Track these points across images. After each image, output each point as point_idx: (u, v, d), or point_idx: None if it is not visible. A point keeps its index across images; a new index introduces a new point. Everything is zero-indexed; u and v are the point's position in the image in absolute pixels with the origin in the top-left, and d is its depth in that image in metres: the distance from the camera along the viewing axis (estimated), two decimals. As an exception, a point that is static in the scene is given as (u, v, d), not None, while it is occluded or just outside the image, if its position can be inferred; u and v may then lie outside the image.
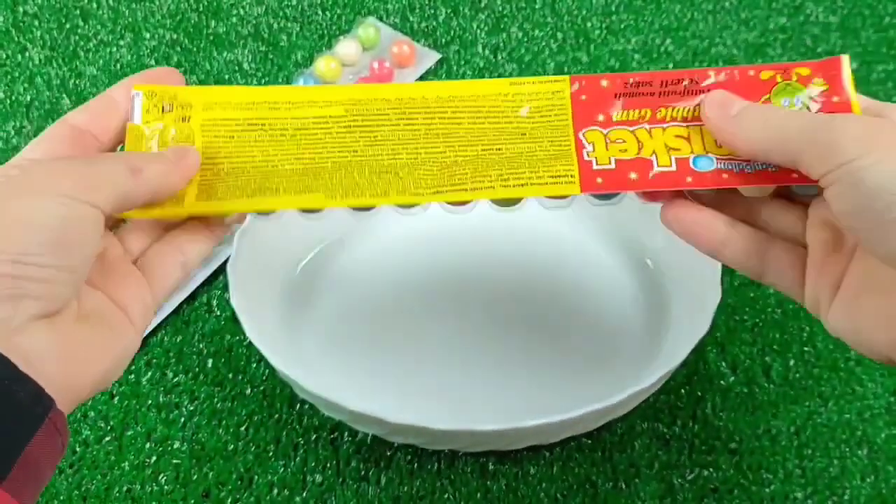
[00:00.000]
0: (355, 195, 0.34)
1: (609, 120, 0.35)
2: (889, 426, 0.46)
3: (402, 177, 0.35)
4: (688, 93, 0.35)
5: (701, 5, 0.67)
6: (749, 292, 0.51)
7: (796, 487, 0.44)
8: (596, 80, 0.35)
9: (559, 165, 0.34)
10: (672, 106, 0.35)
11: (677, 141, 0.34)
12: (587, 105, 0.35)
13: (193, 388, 0.48)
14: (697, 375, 0.47)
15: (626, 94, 0.35)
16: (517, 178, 0.34)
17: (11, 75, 0.63)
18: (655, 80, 0.35)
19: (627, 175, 0.34)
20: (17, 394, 0.27)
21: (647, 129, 0.35)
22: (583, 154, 0.34)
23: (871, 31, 0.65)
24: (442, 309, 0.49)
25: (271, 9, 0.68)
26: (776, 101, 0.34)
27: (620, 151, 0.34)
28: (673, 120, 0.35)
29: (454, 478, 0.44)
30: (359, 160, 0.35)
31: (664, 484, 0.44)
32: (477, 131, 0.35)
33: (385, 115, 0.36)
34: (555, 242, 0.52)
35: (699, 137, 0.34)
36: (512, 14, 0.67)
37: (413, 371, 0.47)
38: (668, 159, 0.34)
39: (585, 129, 0.35)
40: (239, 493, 0.44)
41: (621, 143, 0.34)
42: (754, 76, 0.35)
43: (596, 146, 0.34)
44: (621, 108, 0.35)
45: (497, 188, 0.34)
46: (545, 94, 0.36)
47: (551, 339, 0.48)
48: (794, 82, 0.34)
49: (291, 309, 0.48)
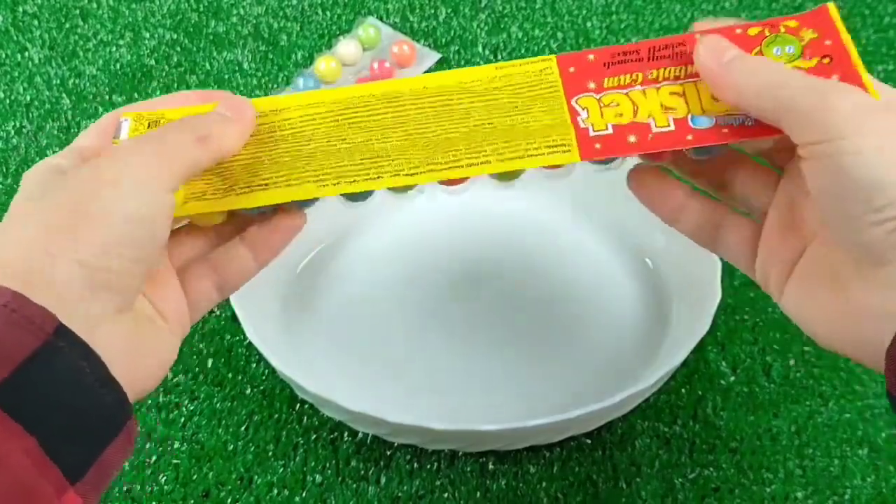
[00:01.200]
0: (347, 181, 0.34)
1: (601, 86, 0.34)
2: (890, 426, 0.46)
3: (394, 158, 0.34)
4: (677, 55, 0.35)
5: (701, 5, 0.67)
6: (749, 292, 0.51)
7: (797, 487, 0.44)
8: (583, 55, 0.35)
9: (555, 134, 0.34)
10: (663, 67, 0.34)
11: (673, 99, 0.34)
12: (576, 75, 0.35)
13: (193, 388, 0.48)
14: (698, 375, 0.47)
15: (614, 62, 0.35)
16: (513, 150, 0.34)
17: (11, 75, 0.63)
18: (643, 48, 0.35)
19: (626, 138, 0.33)
20: (105, 398, 0.26)
21: (640, 90, 0.34)
22: (578, 121, 0.34)
23: (871, 31, 0.65)
24: (441, 309, 0.49)
25: (271, 9, 0.68)
26: (767, 51, 0.34)
27: (616, 116, 0.34)
28: (665, 79, 0.34)
29: (454, 477, 0.44)
30: (348, 147, 0.35)
31: (665, 483, 0.44)
32: (468, 108, 0.35)
33: (373, 106, 0.35)
34: (554, 242, 0.52)
35: (695, 94, 0.34)
36: (512, 14, 0.67)
37: (413, 371, 0.47)
38: (665, 119, 0.34)
39: (578, 96, 0.34)
40: (239, 493, 0.44)
41: (615, 106, 0.34)
42: (742, 34, 0.34)
43: (590, 112, 0.34)
44: (611, 74, 0.35)
45: (493, 162, 0.34)
46: (533, 72, 0.35)
47: (551, 339, 0.48)
48: (782, 34, 0.34)
49: (291, 309, 0.48)
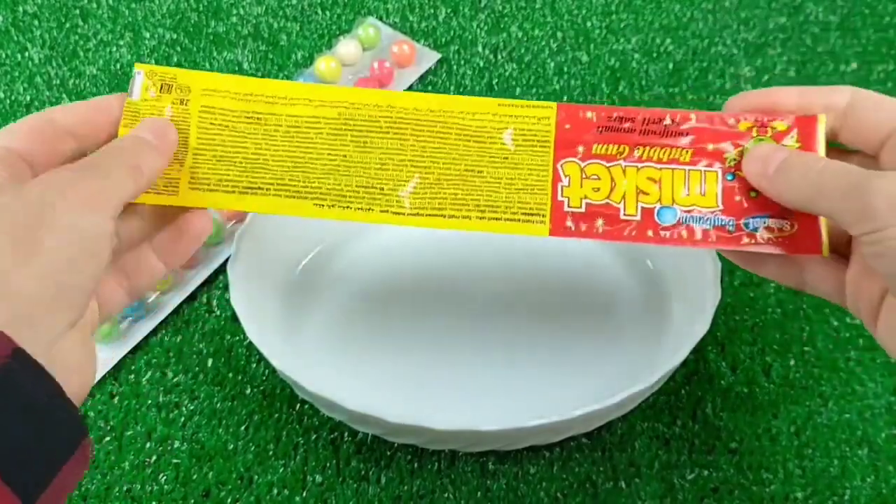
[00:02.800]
0: (342, 206, 0.36)
1: (588, 152, 0.36)
2: (890, 426, 0.46)
3: (387, 193, 0.36)
4: (667, 133, 0.36)
5: (701, 5, 0.67)
6: (749, 292, 0.51)
7: (797, 487, 0.44)
8: (582, 111, 0.37)
9: (534, 201, 0.36)
10: (650, 146, 0.36)
11: (648, 184, 0.36)
12: (570, 134, 0.37)
13: (193, 387, 0.48)
14: (697, 375, 0.47)
15: (608, 127, 0.37)
16: (493, 210, 0.36)
17: (11, 75, 0.63)
18: (638, 117, 0.36)
19: (595, 222, 0.36)
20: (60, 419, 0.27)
21: (622, 166, 0.36)
22: (558, 190, 0.36)
23: (871, 31, 0.65)
24: (442, 309, 0.49)
25: (271, 9, 0.68)
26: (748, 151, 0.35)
27: (593, 191, 0.36)
28: (648, 160, 0.36)
29: (454, 477, 0.44)
30: (347, 166, 0.36)
31: (664, 484, 0.44)
32: (462, 149, 0.37)
33: (376, 123, 0.37)
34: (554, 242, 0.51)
35: (669, 182, 0.36)
36: (512, 14, 0.67)
37: (413, 371, 0.47)
38: (634, 207, 0.36)
39: (564, 161, 0.36)
40: (239, 493, 0.44)
41: (596, 179, 0.36)
42: (734, 125, 0.36)
43: (572, 181, 0.36)
44: (602, 141, 0.36)
45: (473, 219, 0.36)
46: (532, 118, 0.37)
47: (551, 339, 0.48)
48: (766, 137, 0.36)
49: (291, 309, 0.48)
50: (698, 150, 0.36)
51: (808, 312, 0.50)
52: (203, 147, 0.36)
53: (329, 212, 0.36)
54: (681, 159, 0.36)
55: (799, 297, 0.50)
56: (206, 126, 0.36)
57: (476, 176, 0.36)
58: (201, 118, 0.36)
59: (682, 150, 0.36)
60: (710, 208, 0.35)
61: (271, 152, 0.36)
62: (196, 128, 0.36)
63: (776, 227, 0.35)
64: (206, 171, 0.36)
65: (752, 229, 0.35)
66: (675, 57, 0.64)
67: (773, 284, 0.51)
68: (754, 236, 0.35)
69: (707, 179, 0.36)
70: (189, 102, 0.36)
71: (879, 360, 0.48)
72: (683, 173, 0.36)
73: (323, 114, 0.37)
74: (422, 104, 0.37)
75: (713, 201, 0.36)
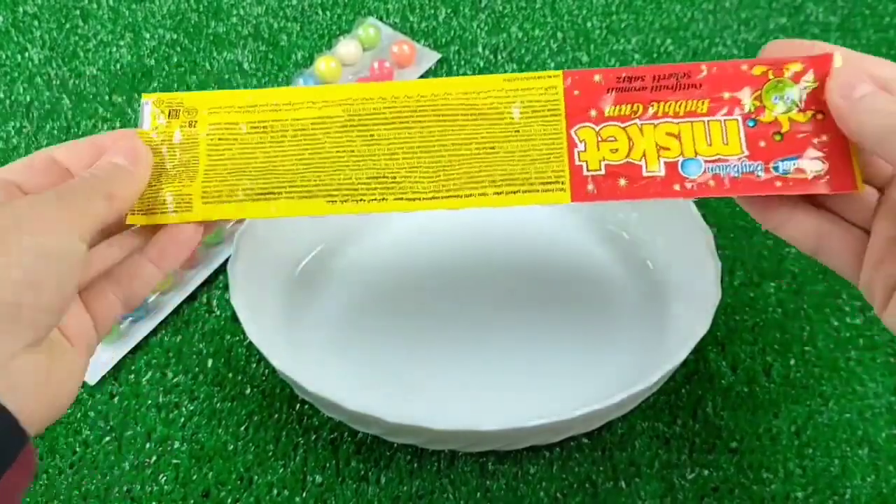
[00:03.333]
0: (355, 200, 0.36)
1: (601, 115, 0.35)
2: (890, 425, 0.46)
3: (399, 181, 0.36)
4: (680, 87, 0.35)
5: (701, 5, 0.67)
6: (749, 292, 0.51)
7: (797, 487, 0.44)
8: (589, 75, 0.36)
9: (550, 170, 0.35)
10: (664, 101, 0.35)
11: (668, 139, 0.35)
12: (580, 100, 0.36)
13: (193, 388, 0.48)
14: (697, 375, 0.47)
15: (618, 88, 0.36)
16: (509, 184, 0.35)
17: (11, 75, 0.63)
18: (648, 75, 0.35)
19: (617, 182, 0.35)
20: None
21: (638, 125, 0.35)
22: (574, 155, 0.35)
23: (871, 31, 0.65)
24: (442, 309, 0.49)
25: (271, 9, 0.68)
26: (766, 97, 0.35)
27: (611, 152, 0.35)
28: (665, 115, 0.35)
29: (454, 478, 0.44)
30: (356, 160, 0.36)
31: (665, 483, 0.44)
32: (471, 129, 0.36)
33: (381, 114, 0.37)
34: (554, 243, 0.52)
35: (690, 135, 0.35)
36: (512, 14, 0.67)
37: (413, 371, 0.47)
38: (657, 164, 0.35)
39: (578, 126, 0.35)
40: (239, 493, 0.44)
41: (612, 141, 0.35)
42: (747, 71, 0.35)
43: (588, 145, 0.35)
44: (613, 102, 0.35)
45: (490, 195, 0.35)
46: (539, 89, 0.36)
47: (551, 339, 0.48)
48: (785, 79, 0.35)
49: (291, 309, 0.48)
50: (715, 98, 0.35)
51: (809, 312, 0.50)
52: (214, 163, 0.37)
53: (343, 207, 0.36)
54: (698, 111, 0.35)
55: (799, 296, 0.50)
56: (216, 143, 0.37)
57: (489, 153, 0.36)
58: (210, 136, 0.37)
59: (697, 101, 0.35)
60: (736, 155, 0.34)
61: (280, 157, 0.37)
62: (206, 146, 0.37)
63: (807, 167, 0.34)
64: (217, 184, 0.36)
65: (783, 172, 0.34)
66: (676, 57, 0.64)
67: (773, 284, 0.51)
68: (786, 179, 0.34)
69: (728, 128, 0.35)
70: (197, 124, 0.37)
71: (880, 360, 0.48)
72: (703, 125, 0.35)
73: (327, 113, 0.37)
74: (425, 90, 0.37)
75: (738, 148, 0.34)
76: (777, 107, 0.34)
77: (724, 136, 0.35)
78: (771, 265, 0.52)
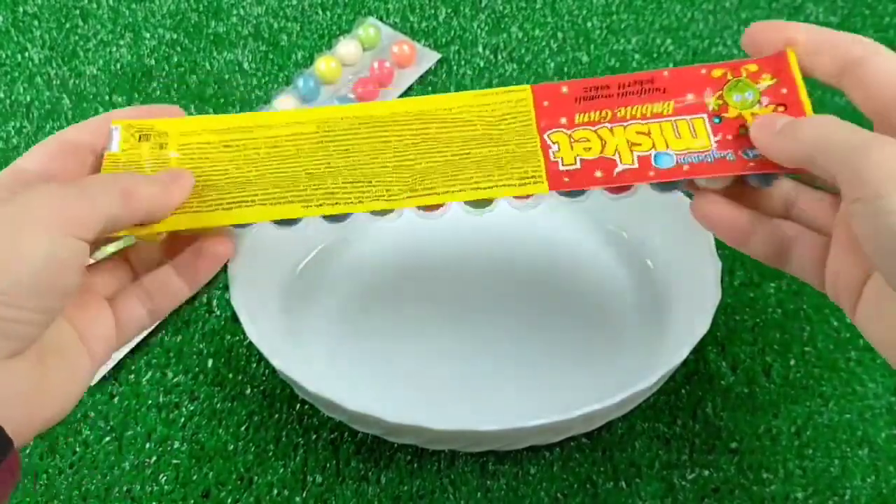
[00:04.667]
0: (330, 203, 0.36)
1: (572, 122, 0.36)
2: (890, 426, 0.46)
3: (375, 185, 0.36)
4: (645, 91, 0.37)
5: (701, 5, 0.67)
6: (749, 292, 0.51)
7: (797, 487, 0.44)
8: (556, 88, 0.37)
9: (527, 167, 0.36)
10: (631, 106, 0.36)
11: (639, 137, 0.36)
12: (550, 109, 0.37)
13: (193, 388, 0.48)
14: (697, 375, 0.47)
15: (586, 97, 0.37)
16: (487, 180, 0.36)
17: (11, 75, 0.63)
18: (612, 84, 0.37)
19: (593, 173, 0.35)
20: None
21: (608, 127, 0.36)
22: (549, 154, 0.36)
23: (871, 32, 0.65)
24: (442, 309, 0.49)
25: (271, 9, 0.68)
26: (728, 96, 0.36)
27: (585, 150, 0.36)
28: (633, 118, 0.36)
29: (454, 478, 0.44)
30: (331, 170, 0.36)
31: (665, 484, 0.44)
32: (445, 139, 0.37)
33: (356, 130, 0.37)
34: (554, 242, 0.52)
35: (659, 133, 0.36)
36: (512, 14, 0.67)
37: (413, 371, 0.47)
38: (630, 157, 0.35)
39: (550, 131, 0.36)
40: (239, 493, 0.44)
41: (585, 141, 0.36)
42: (706, 74, 0.37)
43: (561, 146, 0.36)
44: (582, 110, 0.37)
45: (468, 191, 0.35)
46: (509, 102, 0.37)
47: (551, 339, 0.48)
48: (743, 79, 0.36)
49: (291, 309, 0.48)
50: (679, 101, 0.36)
51: (809, 312, 0.50)
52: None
53: (318, 209, 0.36)
54: (664, 112, 0.36)
55: (799, 297, 0.50)
56: (186, 162, 0.36)
57: (465, 158, 0.36)
58: (181, 155, 0.37)
59: (663, 103, 0.36)
60: (706, 149, 0.35)
61: (254, 172, 0.36)
62: (176, 163, 0.36)
63: None
64: (190, 200, 0.35)
65: (753, 156, 0.35)
66: (676, 57, 0.64)
67: (773, 284, 0.51)
68: (757, 161, 0.35)
69: (695, 125, 0.36)
70: (168, 146, 0.37)
71: (879, 361, 0.48)
72: (671, 124, 0.36)
73: (301, 130, 0.37)
74: (399, 109, 0.37)
75: (707, 142, 0.35)
76: (739, 104, 0.36)
77: (693, 131, 0.36)
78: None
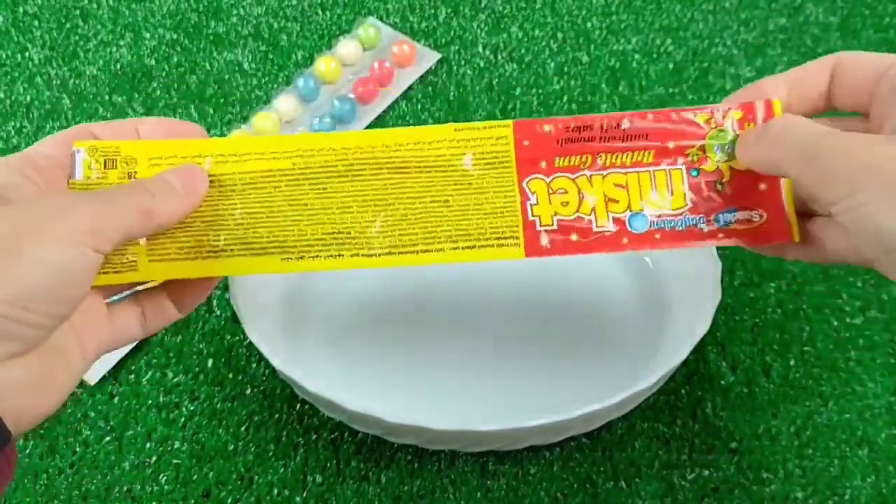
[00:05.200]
0: (311, 257, 0.35)
1: (551, 166, 0.36)
2: (889, 426, 0.46)
3: (354, 237, 0.36)
4: (627, 137, 0.36)
5: (701, 5, 0.67)
6: (749, 292, 0.51)
7: (797, 487, 0.44)
8: (539, 125, 0.36)
9: (505, 225, 0.36)
10: (612, 153, 0.36)
11: (616, 191, 0.36)
12: (530, 150, 0.36)
13: (193, 388, 0.48)
14: (697, 375, 0.47)
15: (567, 139, 0.36)
16: (465, 238, 0.36)
17: (11, 75, 0.63)
18: (595, 125, 0.36)
19: (569, 236, 0.36)
20: None
21: (587, 175, 0.36)
22: (527, 210, 0.36)
23: (871, 31, 0.65)
24: (442, 309, 0.49)
25: (271, 9, 0.68)
26: (709, 146, 0.36)
27: (562, 205, 0.36)
28: (612, 166, 0.36)
29: (454, 478, 0.44)
30: (310, 214, 0.36)
31: (664, 483, 0.44)
32: (424, 181, 0.36)
33: (333, 167, 0.36)
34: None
35: (637, 186, 0.36)
36: (512, 14, 0.67)
37: (413, 371, 0.47)
38: (606, 218, 0.36)
39: (529, 178, 0.36)
40: (239, 493, 0.44)
41: (563, 193, 0.36)
42: (692, 119, 0.36)
43: (539, 198, 0.36)
44: (562, 154, 0.36)
45: (446, 251, 0.36)
46: (489, 139, 0.36)
47: (551, 339, 0.48)
48: (725, 128, 0.36)
49: (291, 309, 0.48)
50: (659, 149, 0.36)
51: (808, 312, 0.50)
52: None
53: (298, 264, 0.35)
54: (644, 161, 0.36)
55: (799, 297, 0.50)
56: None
57: (443, 206, 0.36)
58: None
59: (643, 151, 0.36)
60: (680, 209, 0.36)
61: (229, 211, 0.35)
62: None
63: (746, 218, 0.36)
64: (164, 241, 0.35)
65: (724, 224, 0.36)
66: (676, 57, 0.64)
67: (773, 284, 0.51)
68: (727, 230, 0.36)
69: (673, 178, 0.36)
70: (136, 175, 0.35)
71: (879, 361, 0.48)
72: (649, 175, 0.36)
73: (277, 166, 0.36)
74: (376, 141, 0.36)
75: (681, 200, 0.36)
76: (718, 156, 0.36)
77: (670, 185, 0.36)
78: (771, 265, 0.52)
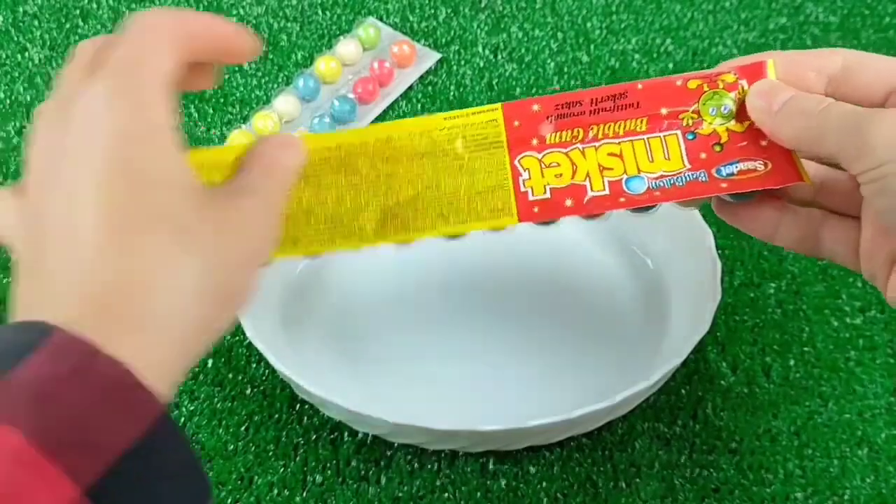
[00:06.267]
0: (303, 245, 0.35)
1: (543, 142, 0.36)
2: (889, 426, 0.46)
3: (346, 223, 0.35)
4: (618, 107, 0.36)
5: (701, 5, 0.67)
6: (749, 292, 0.51)
7: (797, 487, 0.44)
8: (528, 105, 0.36)
9: (497, 199, 0.35)
10: (604, 123, 0.36)
11: (610, 160, 0.35)
12: (520, 130, 0.36)
13: (193, 388, 0.48)
14: (697, 375, 0.47)
15: (557, 115, 0.36)
16: (457, 214, 0.35)
17: (11, 75, 0.63)
18: (585, 99, 0.36)
19: (563, 202, 0.35)
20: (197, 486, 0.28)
21: (580, 148, 0.35)
22: (519, 183, 0.35)
23: (871, 31, 0.65)
24: (442, 309, 0.49)
25: (271, 9, 0.68)
26: (704, 110, 0.35)
27: (556, 177, 0.35)
28: (605, 137, 0.35)
29: (454, 477, 0.44)
30: (305, 209, 0.35)
31: (665, 484, 0.44)
32: (416, 169, 0.36)
33: (326, 162, 0.36)
34: (554, 243, 0.52)
35: (631, 154, 0.35)
36: (512, 14, 0.67)
37: (413, 371, 0.47)
38: (601, 183, 0.35)
39: (521, 155, 0.36)
40: (239, 493, 0.44)
41: (556, 166, 0.35)
42: (682, 86, 0.35)
43: (532, 173, 0.35)
44: (554, 129, 0.36)
45: (438, 226, 0.35)
46: (479, 124, 0.36)
47: (551, 339, 0.48)
48: (720, 90, 0.35)
49: (291, 309, 0.48)
50: (653, 116, 0.35)
51: (808, 313, 0.50)
52: None
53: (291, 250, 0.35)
54: (637, 129, 0.35)
55: (799, 297, 0.50)
56: None
57: (434, 191, 0.36)
58: None
59: (636, 119, 0.35)
60: (678, 170, 0.35)
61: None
62: None
63: (749, 168, 0.35)
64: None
65: (727, 175, 0.35)
66: (676, 57, 0.64)
67: (773, 284, 0.51)
68: (730, 180, 0.34)
69: (668, 144, 0.35)
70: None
71: (879, 361, 0.48)
72: (643, 143, 0.35)
73: None
74: (368, 137, 0.36)
75: (679, 163, 0.35)
76: (715, 118, 0.35)
77: (666, 151, 0.35)
78: (771, 265, 0.52)
